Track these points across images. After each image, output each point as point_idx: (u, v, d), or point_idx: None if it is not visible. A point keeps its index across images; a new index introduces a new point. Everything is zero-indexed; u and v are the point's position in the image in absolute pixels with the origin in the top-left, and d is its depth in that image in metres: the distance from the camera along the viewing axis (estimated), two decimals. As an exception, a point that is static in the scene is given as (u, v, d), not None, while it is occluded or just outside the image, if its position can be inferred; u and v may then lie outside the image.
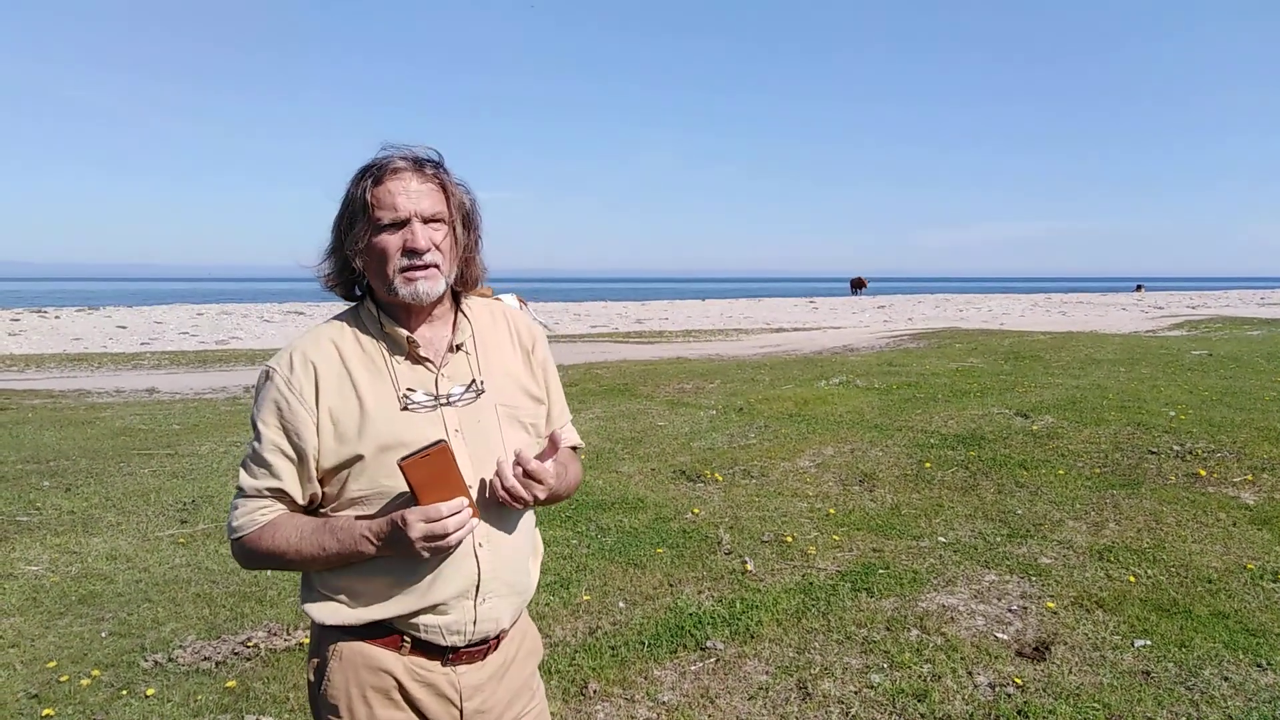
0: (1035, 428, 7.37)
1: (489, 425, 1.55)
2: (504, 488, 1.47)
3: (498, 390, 1.59)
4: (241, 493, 1.51)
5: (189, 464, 7.15)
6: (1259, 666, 3.33)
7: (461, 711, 1.57)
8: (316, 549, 1.46)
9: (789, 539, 4.94)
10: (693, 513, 5.52)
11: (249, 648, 3.66)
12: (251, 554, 1.51)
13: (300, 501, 1.51)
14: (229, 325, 28.03)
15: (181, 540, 5.12)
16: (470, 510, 1.43)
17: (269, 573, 4.55)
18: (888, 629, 3.75)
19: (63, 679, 3.41)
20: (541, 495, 1.50)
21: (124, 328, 27.09)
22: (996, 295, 57.95)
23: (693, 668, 3.46)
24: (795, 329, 25.44)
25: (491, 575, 1.54)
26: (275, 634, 3.79)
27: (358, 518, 1.48)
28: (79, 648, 3.70)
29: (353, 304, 1.61)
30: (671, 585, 4.32)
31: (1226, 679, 3.24)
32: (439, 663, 1.54)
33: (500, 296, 11.21)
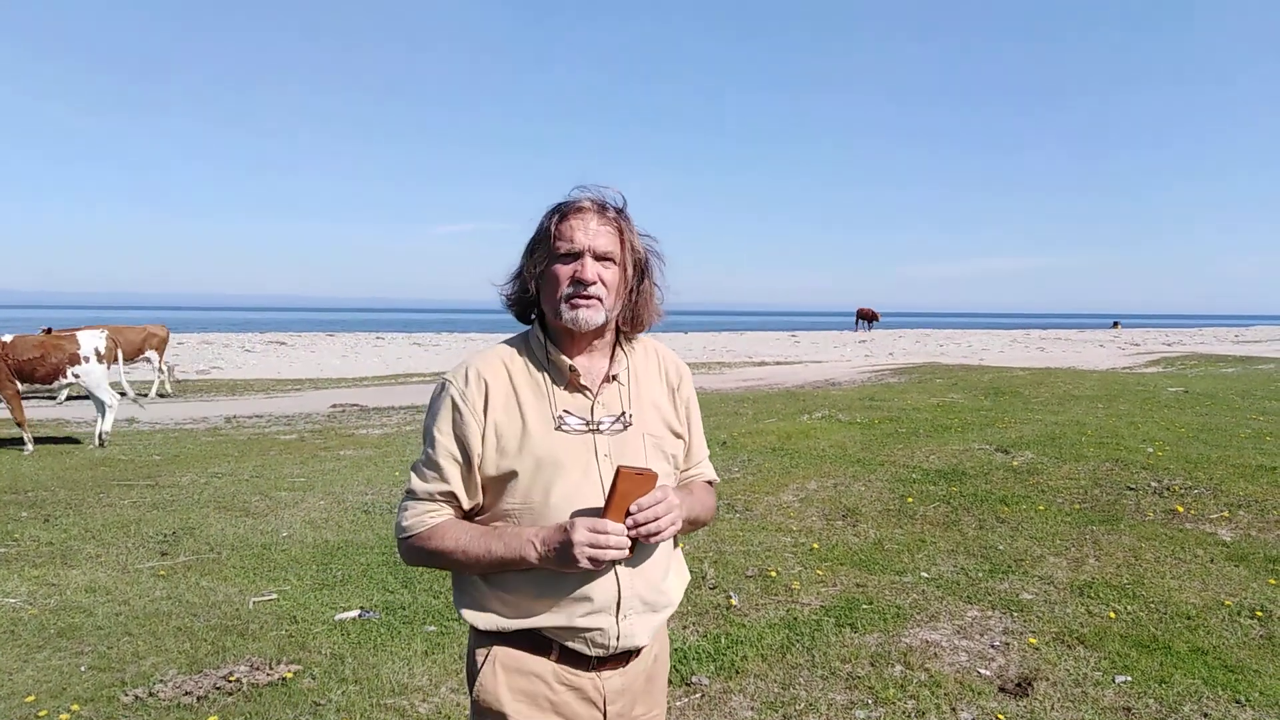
0: (1015, 463, 7.45)
1: (636, 454, 1.67)
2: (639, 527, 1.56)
3: (646, 422, 1.72)
4: (412, 495, 1.66)
5: (170, 495, 7.08)
6: (1238, 703, 3.37)
7: (605, 715, 1.67)
8: (483, 551, 1.59)
9: (773, 573, 4.96)
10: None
11: (231, 682, 3.62)
12: (418, 552, 1.65)
13: (465, 506, 1.67)
14: (210, 355, 27.80)
15: (162, 573, 5.07)
16: (627, 540, 1.55)
17: (250, 605, 4.52)
18: (872, 664, 3.77)
19: (41, 714, 3.36)
20: (664, 531, 1.57)
21: (103, 356, 26.79)
22: (976, 330, 58.28)
23: (678, 703, 3.46)
24: (777, 362, 25.54)
25: (631, 594, 1.65)
26: (258, 668, 3.76)
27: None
28: (58, 682, 3.65)
29: (525, 329, 1.76)
30: (657, 620, 4.32)
31: (1206, 715, 3.28)
32: (585, 668, 1.66)
33: (79, 333, 10.68)
